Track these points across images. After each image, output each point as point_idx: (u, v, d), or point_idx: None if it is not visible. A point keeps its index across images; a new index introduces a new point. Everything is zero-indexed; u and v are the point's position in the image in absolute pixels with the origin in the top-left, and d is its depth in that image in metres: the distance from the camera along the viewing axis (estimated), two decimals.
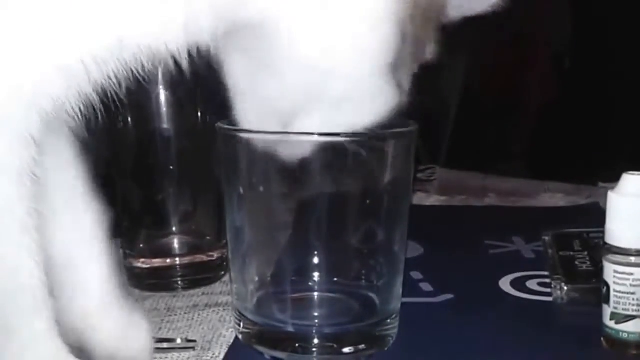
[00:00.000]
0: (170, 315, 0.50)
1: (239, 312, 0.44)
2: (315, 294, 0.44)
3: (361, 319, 0.43)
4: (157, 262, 0.56)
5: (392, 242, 0.44)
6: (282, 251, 0.44)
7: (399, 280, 0.45)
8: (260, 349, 0.43)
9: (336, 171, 0.41)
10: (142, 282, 0.56)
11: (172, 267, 0.56)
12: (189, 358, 0.44)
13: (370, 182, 0.43)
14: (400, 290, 0.45)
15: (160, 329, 0.48)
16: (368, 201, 0.43)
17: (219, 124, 0.43)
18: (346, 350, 0.42)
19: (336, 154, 0.40)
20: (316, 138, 0.39)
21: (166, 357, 0.44)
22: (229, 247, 0.45)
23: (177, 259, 0.56)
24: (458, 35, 0.38)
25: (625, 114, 1.31)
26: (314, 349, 0.42)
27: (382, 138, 0.41)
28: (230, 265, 0.45)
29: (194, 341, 0.45)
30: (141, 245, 0.56)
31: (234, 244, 0.45)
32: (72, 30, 0.33)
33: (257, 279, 0.45)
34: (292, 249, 0.44)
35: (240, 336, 0.45)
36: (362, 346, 0.42)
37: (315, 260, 0.43)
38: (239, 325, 0.44)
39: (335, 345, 0.42)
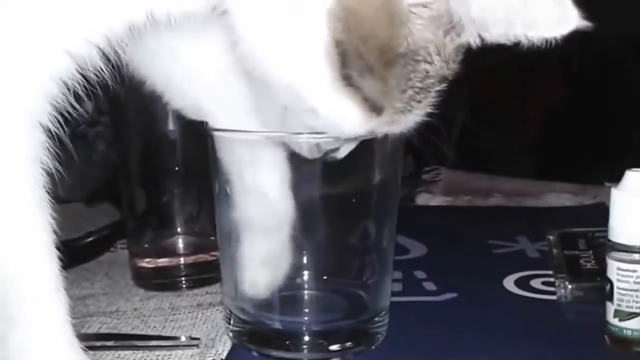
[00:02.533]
0: (175, 314, 0.51)
1: (229, 311, 0.45)
2: (305, 291, 0.44)
3: (350, 316, 0.44)
4: (162, 261, 0.56)
5: (381, 239, 0.44)
6: None
7: (388, 278, 0.45)
8: (251, 346, 0.43)
9: (324, 170, 0.41)
10: (147, 281, 0.56)
11: (176, 267, 0.56)
12: (192, 355, 0.44)
13: (359, 181, 0.43)
14: (390, 288, 0.45)
15: (164, 327, 0.48)
16: (357, 199, 0.43)
17: (208, 125, 0.44)
18: (335, 347, 0.42)
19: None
20: (304, 137, 0.39)
21: (170, 355, 0.44)
22: (218, 245, 0.45)
23: (182, 258, 0.56)
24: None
25: (633, 114, 1.30)
26: (304, 346, 0.42)
27: (370, 136, 0.41)
28: (220, 263, 0.46)
29: (198, 339, 0.45)
30: (146, 245, 0.57)
31: (223, 243, 0.45)
32: (80, 12, 0.33)
33: None
34: None
35: (230, 334, 0.45)
36: (351, 343, 0.42)
37: (305, 258, 0.43)
38: (229, 324, 0.45)
39: (324, 343, 0.42)
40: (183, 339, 0.46)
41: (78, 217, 0.68)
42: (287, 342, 0.42)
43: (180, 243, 0.57)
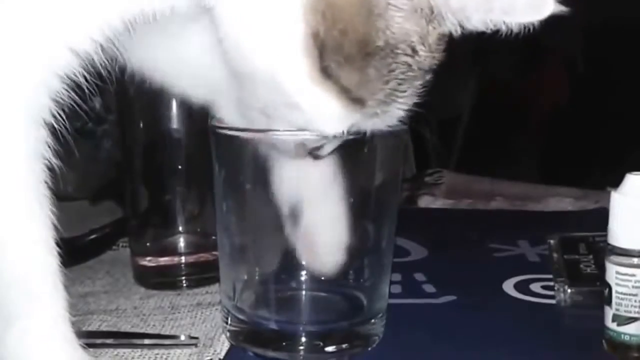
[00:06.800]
0: (174, 313, 0.51)
1: (227, 310, 0.45)
2: (302, 292, 0.44)
3: (347, 317, 0.44)
4: (163, 260, 0.57)
5: (379, 241, 0.44)
6: (269, 250, 0.44)
7: (386, 280, 0.45)
8: (247, 347, 0.43)
9: None
10: (148, 280, 0.56)
11: (177, 266, 0.56)
12: (191, 354, 0.44)
13: (359, 181, 0.43)
14: (387, 290, 0.45)
15: (163, 326, 0.49)
16: (356, 200, 0.43)
17: (210, 122, 0.44)
18: (332, 348, 0.42)
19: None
20: (305, 136, 0.39)
21: (169, 353, 0.44)
22: (217, 245, 0.45)
23: (183, 257, 0.56)
24: (469, 41, 0.38)
25: (636, 119, 1.30)
26: (300, 348, 0.42)
27: (370, 137, 0.41)
28: (219, 263, 0.46)
29: (197, 338, 0.46)
30: (148, 244, 0.57)
31: (222, 242, 0.45)
32: (82, 9, 0.33)
33: (245, 277, 0.45)
34: (279, 247, 0.44)
35: (228, 334, 0.45)
36: (347, 345, 0.42)
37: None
38: (226, 324, 0.45)
39: (321, 344, 0.42)
40: (182, 337, 0.46)
41: (81, 215, 0.68)
42: (284, 343, 0.42)
43: (182, 242, 0.57)
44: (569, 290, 0.50)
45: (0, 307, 0.34)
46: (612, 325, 0.42)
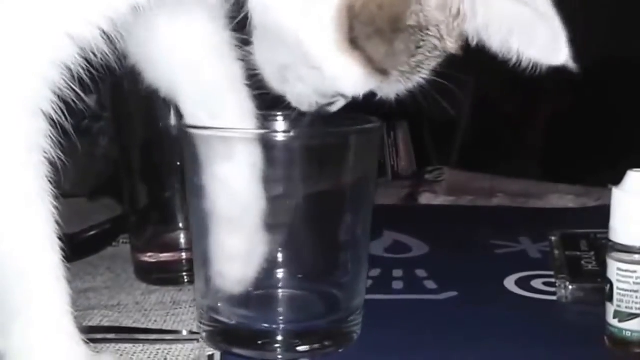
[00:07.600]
0: (176, 309, 0.51)
1: (202, 310, 0.44)
2: (279, 291, 0.44)
3: (325, 315, 0.43)
4: (163, 256, 0.57)
5: (355, 238, 0.43)
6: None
7: (363, 277, 0.44)
8: (224, 346, 0.43)
9: (299, 167, 0.41)
10: (149, 276, 0.56)
11: (178, 262, 0.56)
12: (192, 350, 0.44)
13: (334, 178, 0.42)
14: (364, 287, 0.44)
15: (165, 321, 0.49)
16: (332, 197, 0.42)
17: (182, 122, 0.44)
18: (309, 347, 0.42)
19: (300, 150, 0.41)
20: (280, 136, 0.40)
21: (170, 348, 0.44)
22: (192, 244, 0.45)
23: (183, 253, 0.56)
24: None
25: (638, 117, 1.30)
26: (278, 346, 0.41)
27: (345, 134, 0.41)
28: (193, 262, 0.45)
29: (198, 333, 0.46)
30: (148, 240, 0.57)
31: (195, 240, 0.44)
32: None
33: None
34: None
35: (204, 335, 0.44)
36: (324, 343, 0.42)
37: (279, 257, 0.43)
38: (201, 324, 0.44)
39: (298, 342, 0.42)
40: (184, 333, 0.46)
41: (80, 211, 0.68)
42: (261, 342, 0.41)
43: (182, 238, 0.57)
44: (570, 287, 0.50)
45: (3, 302, 0.34)
46: (614, 322, 0.42)
